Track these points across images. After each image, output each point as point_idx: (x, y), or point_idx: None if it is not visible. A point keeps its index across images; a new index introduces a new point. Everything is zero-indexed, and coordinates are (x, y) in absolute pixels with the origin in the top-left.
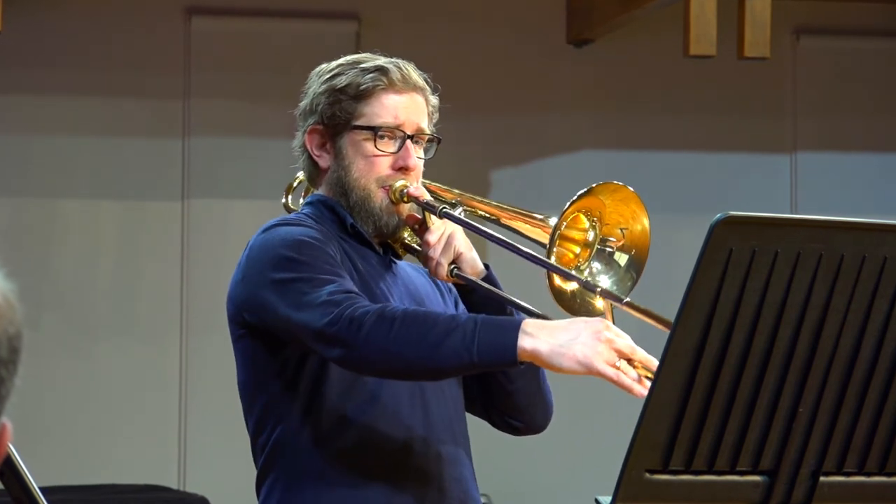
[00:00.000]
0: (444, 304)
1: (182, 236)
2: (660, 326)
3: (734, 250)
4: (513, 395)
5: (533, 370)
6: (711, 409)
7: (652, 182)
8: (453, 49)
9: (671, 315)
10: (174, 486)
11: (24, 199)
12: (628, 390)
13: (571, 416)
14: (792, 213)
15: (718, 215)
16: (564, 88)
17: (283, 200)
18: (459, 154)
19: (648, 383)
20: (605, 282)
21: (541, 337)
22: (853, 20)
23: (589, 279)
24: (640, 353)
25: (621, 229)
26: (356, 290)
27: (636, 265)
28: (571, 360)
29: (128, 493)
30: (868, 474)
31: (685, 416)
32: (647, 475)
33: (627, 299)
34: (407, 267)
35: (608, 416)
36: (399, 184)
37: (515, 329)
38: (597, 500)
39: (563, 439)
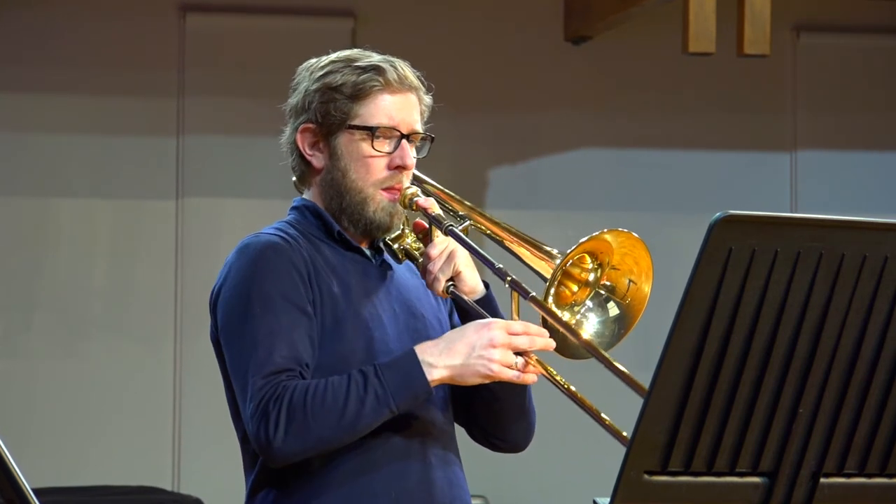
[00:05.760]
0: (438, 306)
1: (176, 235)
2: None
3: (733, 249)
4: (498, 414)
5: (519, 391)
6: (711, 409)
7: (651, 180)
8: (450, 46)
9: (671, 315)
10: (168, 487)
11: (18, 198)
12: (524, 383)
13: (569, 417)
14: (792, 211)
15: (718, 214)
16: (562, 86)
17: None
18: (457, 152)
19: (541, 368)
20: (592, 321)
21: (440, 364)
22: (854, 17)
23: (580, 317)
24: (539, 342)
25: (629, 280)
26: (286, 363)
27: (625, 322)
28: (475, 377)
29: (122, 495)
30: (869, 475)
31: (684, 416)
32: (646, 476)
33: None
34: (401, 268)
35: (606, 416)
36: (410, 191)
37: (418, 365)
38: (595, 502)
39: (561, 440)
